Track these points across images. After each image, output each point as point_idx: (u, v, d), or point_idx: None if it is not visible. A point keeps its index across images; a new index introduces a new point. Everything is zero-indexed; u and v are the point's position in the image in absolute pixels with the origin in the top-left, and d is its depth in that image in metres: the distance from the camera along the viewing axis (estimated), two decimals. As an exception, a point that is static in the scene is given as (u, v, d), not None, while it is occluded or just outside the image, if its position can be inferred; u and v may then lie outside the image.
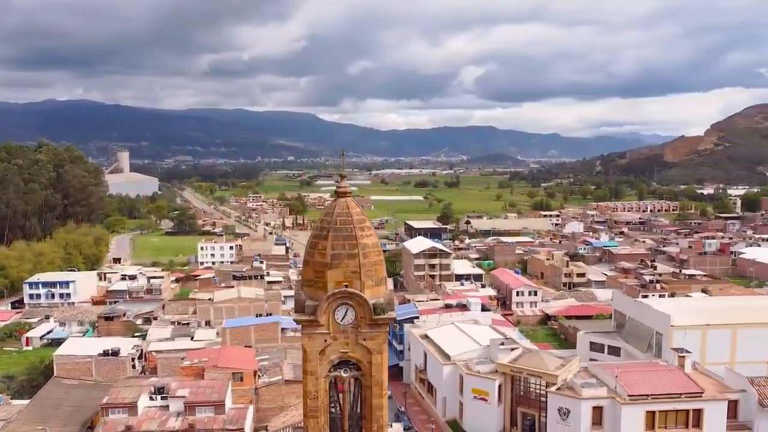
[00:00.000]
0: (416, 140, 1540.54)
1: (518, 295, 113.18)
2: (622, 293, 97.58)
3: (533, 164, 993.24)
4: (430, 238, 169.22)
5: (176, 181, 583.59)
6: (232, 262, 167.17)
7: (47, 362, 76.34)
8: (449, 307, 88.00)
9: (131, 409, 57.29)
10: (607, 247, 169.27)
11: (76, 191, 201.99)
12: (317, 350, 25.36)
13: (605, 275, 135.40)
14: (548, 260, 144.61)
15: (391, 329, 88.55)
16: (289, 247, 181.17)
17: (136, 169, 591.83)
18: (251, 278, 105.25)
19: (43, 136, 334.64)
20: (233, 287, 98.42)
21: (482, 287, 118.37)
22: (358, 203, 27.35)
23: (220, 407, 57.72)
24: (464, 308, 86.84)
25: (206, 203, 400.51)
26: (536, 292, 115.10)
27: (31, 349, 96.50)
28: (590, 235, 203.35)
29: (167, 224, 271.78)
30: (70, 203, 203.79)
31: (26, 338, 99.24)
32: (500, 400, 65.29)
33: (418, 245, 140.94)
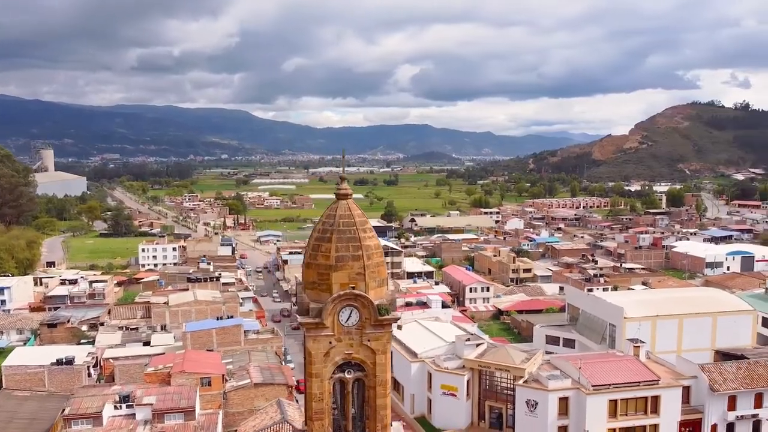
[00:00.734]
0: (352, 138, 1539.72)
1: (471, 291, 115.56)
2: (575, 288, 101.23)
3: (468, 162, 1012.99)
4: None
5: (105, 180, 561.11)
6: (175, 263, 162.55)
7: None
8: (410, 305, 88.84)
9: (96, 419, 55.20)
10: (549, 243, 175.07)
11: (4, 192, 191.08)
12: (322, 352, 25.40)
13: (550, 270, 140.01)
14: (495, 257, 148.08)
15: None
16: (234, 247, 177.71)
17: (61, 168, 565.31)
18: (206, 280, 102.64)
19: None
20: (187, 290, 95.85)
21: (435, 284, 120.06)
22: (355, 205, 27.39)
23: (190, 413, 56.38)
24: (425, 306, 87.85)
25: (140, 203, 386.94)
26: (488, 288, 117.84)
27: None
28: (531, 231, 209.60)
29: (101, 225, 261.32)
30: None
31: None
32: (468, 395, 66.64)
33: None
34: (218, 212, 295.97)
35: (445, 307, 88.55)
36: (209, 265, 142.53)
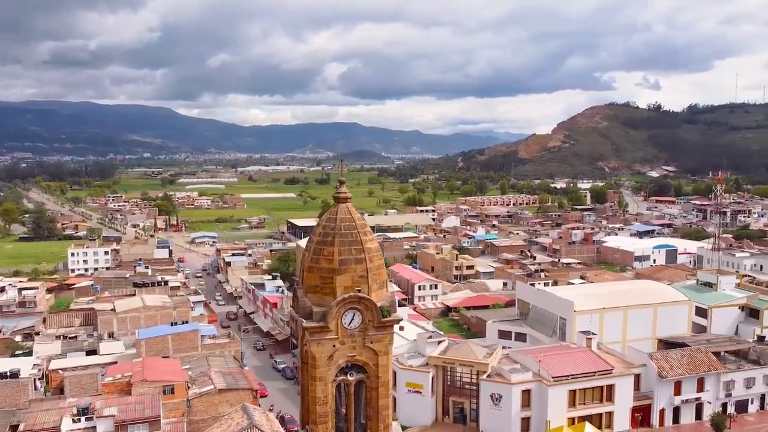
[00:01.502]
0: (281, 136, 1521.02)
1: (420, 289, 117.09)
2: (525, 284, 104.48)
3: (398, 161, 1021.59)
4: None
5: (18, 180, 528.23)
6: (108, 268, 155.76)
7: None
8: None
9: (54, 434, 52.33)
10: (488, 240, 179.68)
11: None
12: (326, 356, 25.49)
13: (492, 267, 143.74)
14: (438, 254, 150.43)
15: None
16: (172, 250, 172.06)
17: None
18: (153, 285, 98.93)
19: None
20: (134, 295, 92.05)
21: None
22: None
23: (155, 423, 54.50)
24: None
25: (59, 204, 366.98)
26: (436, 285, 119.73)
27: None
28: (467, 228, 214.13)
29: (19, 229, 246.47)
30: None
31: None
32: (433, 391, 67.73)
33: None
34: (147, 213, 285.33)
35: (400, 305, 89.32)
36: (147, 268, 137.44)
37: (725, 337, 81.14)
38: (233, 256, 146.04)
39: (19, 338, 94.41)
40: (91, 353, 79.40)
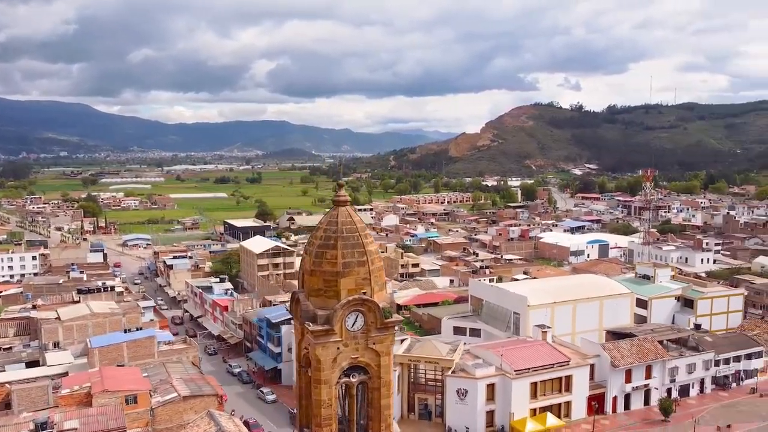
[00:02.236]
0: (207, 134, 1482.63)
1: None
2: (477, 281, 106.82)
3: (329, 159, 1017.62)
4: (252, 236, 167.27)
5: None
6: (36, 273, 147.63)
7: None
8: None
9: (12, 452, 49.51)
10: (430, 237, 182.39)
11: None
12: (330, 359, 25.79)
13: (437, 264, 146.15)
14: (382, 252, 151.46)
15: (265, 332, 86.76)
16: (106, 253, 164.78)
17: None
18: (98, 291, 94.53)
19: None
20: (78, 302, 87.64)
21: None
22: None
23: (121, 435, 52.48)
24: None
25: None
26: (386, 284, 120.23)
27: None
28: (407, 227, 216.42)
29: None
30: None
31: None
32: (398, 389, 68.36)
33: (259, 245, 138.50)
34: (72, 215, 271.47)
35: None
36: (82, 273, 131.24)
37: (666, 326, 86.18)
38: (174, 258, 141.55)
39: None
40: (32, 364, 75.21)
